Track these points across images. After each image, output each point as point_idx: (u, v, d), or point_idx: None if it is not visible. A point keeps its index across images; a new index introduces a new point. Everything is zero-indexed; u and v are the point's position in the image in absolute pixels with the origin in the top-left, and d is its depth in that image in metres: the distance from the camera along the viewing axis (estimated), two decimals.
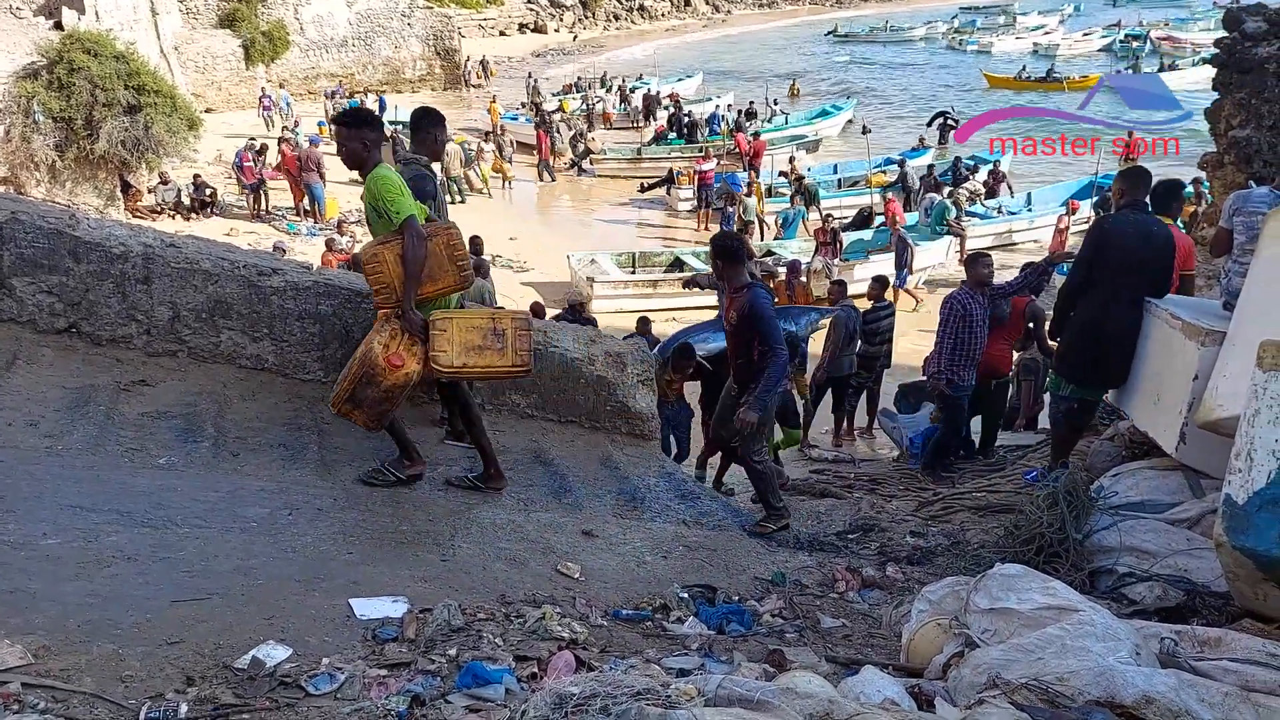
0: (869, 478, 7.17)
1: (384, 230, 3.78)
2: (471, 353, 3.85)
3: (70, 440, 3.73)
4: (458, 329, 3.85)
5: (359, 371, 3.72)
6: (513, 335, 3.95)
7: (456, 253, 3.90)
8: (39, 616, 2.44)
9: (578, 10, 55.26)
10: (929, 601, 3.01)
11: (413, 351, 3.78)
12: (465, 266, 3.96)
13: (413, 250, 3.70)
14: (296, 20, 30.89)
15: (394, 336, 3.76)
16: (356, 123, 3.87)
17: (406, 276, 3.73)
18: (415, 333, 3.78)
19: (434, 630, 2.78)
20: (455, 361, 3.83)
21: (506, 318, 4.03)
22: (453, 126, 26.68)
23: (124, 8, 23.26)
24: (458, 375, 3.96)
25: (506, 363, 3.94)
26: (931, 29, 53.23)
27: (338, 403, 3.81)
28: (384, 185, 3.74)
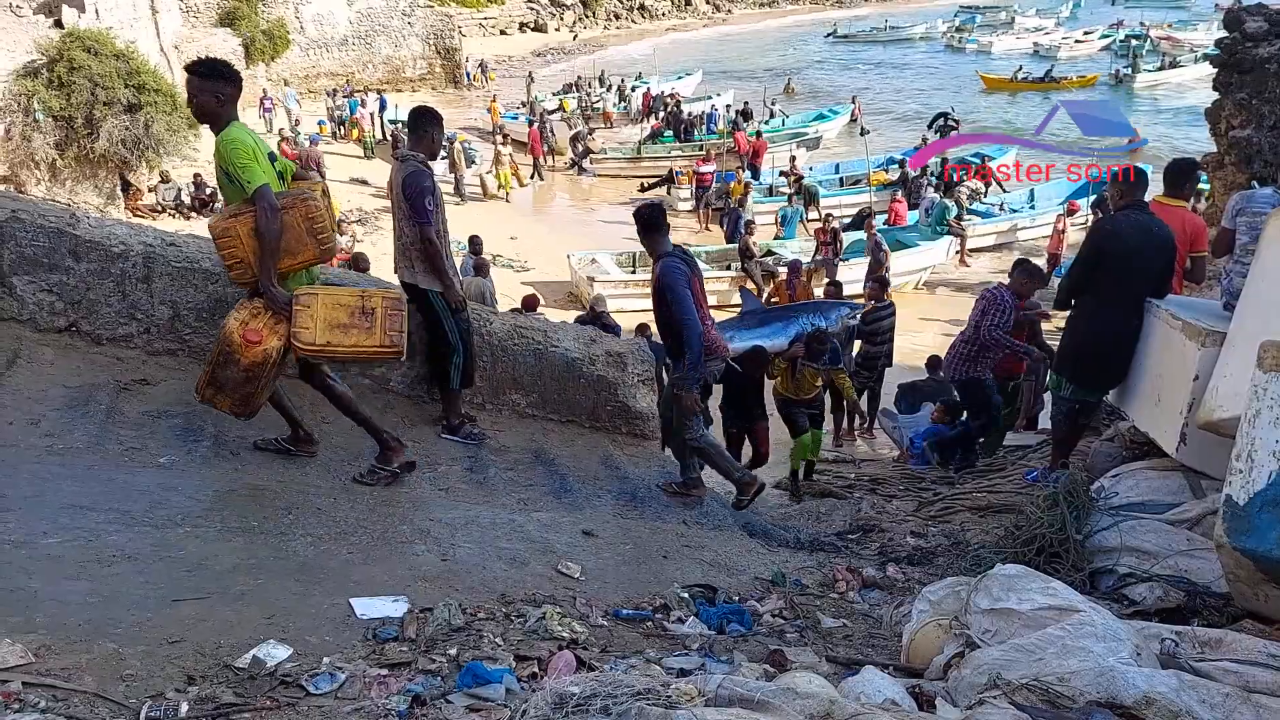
0: (869, 478, 7.18)
1: (236, 198, 3.59)
2: (336, 330, 3.67)
3: (71, 439, 3.72)
4: (322, 306, 3.67)
5: (217, 352, 3.57)
6: (382, 315, 3.76)
7: (316, 224, 3.68)
8: (40, 615, 2.44)
9: (578, 9, 55.23)
10: (929, 602, 3.01)
11: (274, 329, 3.59)
12: (327, 239, 3.74)
13: (266, 223, 3.50)
14: (297, 19, 30.93)
15: (255, 314, 3.58)
16: (210, 73, 3.57)
17: (262, 251, 3.53)
18: (278, 309, 3.60)
19: (434, 630, 2.78)
20: (318, 339, 3.64)
21: (377, 296, 3.84)
22: (453, 125, 26.74)
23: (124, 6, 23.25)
24: (321, 354, 3.75)
25: (374, 342, 3.75)
26: (931, 29, 53.22)
27: (200, 389, 3.64)
28: (235, 149, 3.52)
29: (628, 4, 58.90)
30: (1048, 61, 39.45)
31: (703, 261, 15.27)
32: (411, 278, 4.68)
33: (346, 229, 14.98)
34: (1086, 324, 4.65)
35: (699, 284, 4.72)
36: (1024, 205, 17.97)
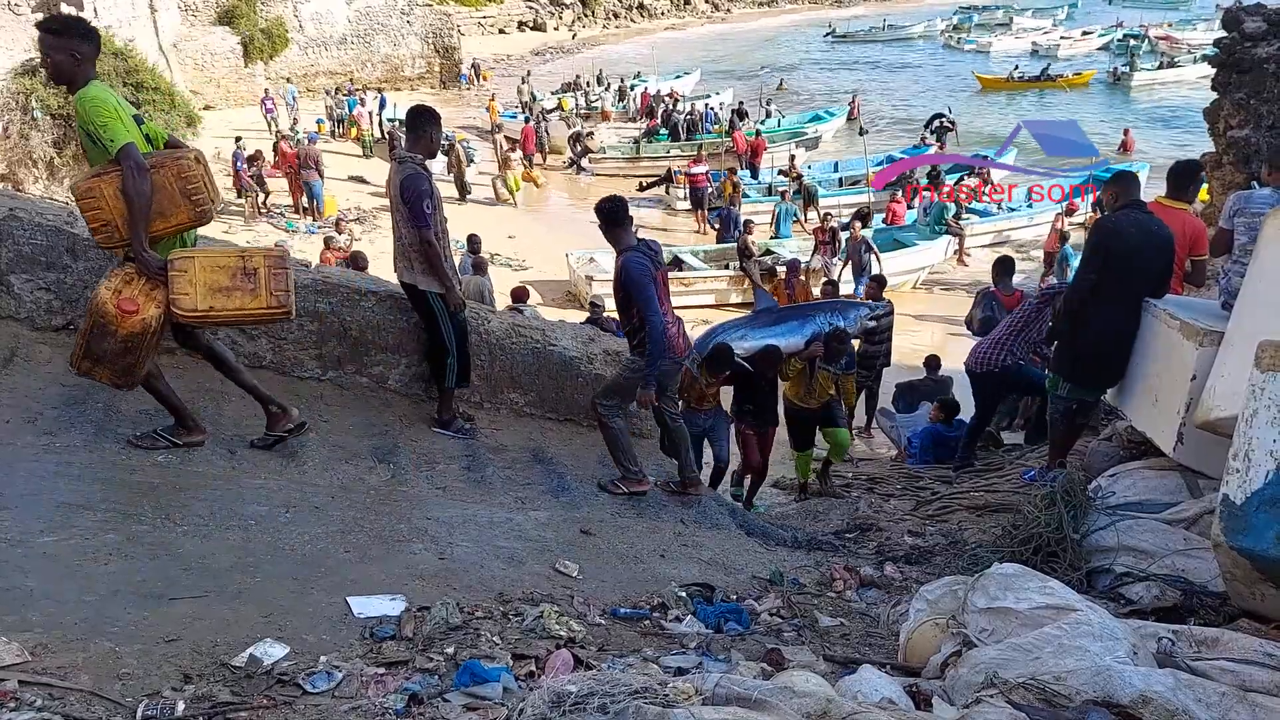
0: (867, 477, 7.18)
1: (100, 160, 3.40)
2: (218, 294, 3.51)
3: (68, 437, 3.72)
4: (201, 269, 3.50)
5: (89, 323, 3.40)
6: (266, 275, 3.60)
7: (190, 185, 3.49)
8: (36, 614, 2.44)
9: (577, 8, 55.20)
10: (926, 601, 3.02)
11: (151, 296, 3.42)
12: (201, 200, 3.55)
13: (134, 183, 3.31)
14: (295, 17, 30.88)
15: (128, 281, 3.41)
16: (65, 30, 3.40)
17: (131, 213, 3.35)
18: (152, 275, 3.43)
19: (432, 628, 2.77)
20: (200, 305, 3.48)
21: (258, 255, 3.70)
22: (451, 125, 26.74)
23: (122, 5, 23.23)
24: (205, 320, 3.60)
25: (260, 304, 3.59)
26: (930, 28, 53.24)
27: (75, 361, 3.49)
28: (95, 107, 3.33)
29: (626, 3, 58.88)
30: (1046, 61, 39.49)
31: (700, 260, 15.37)
32: (411, 278, 4.68)
33: (345, 227, 14.96)
34: (1087, 323, 4.63)
35: (663, 276, 4.66)
36: (1022, 204, 17.98)
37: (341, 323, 4.92)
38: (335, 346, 4.96)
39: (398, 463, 4.41)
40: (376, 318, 4.98)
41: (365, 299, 4.95)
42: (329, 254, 12.02)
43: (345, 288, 4.95)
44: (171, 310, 3.45)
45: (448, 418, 4.93)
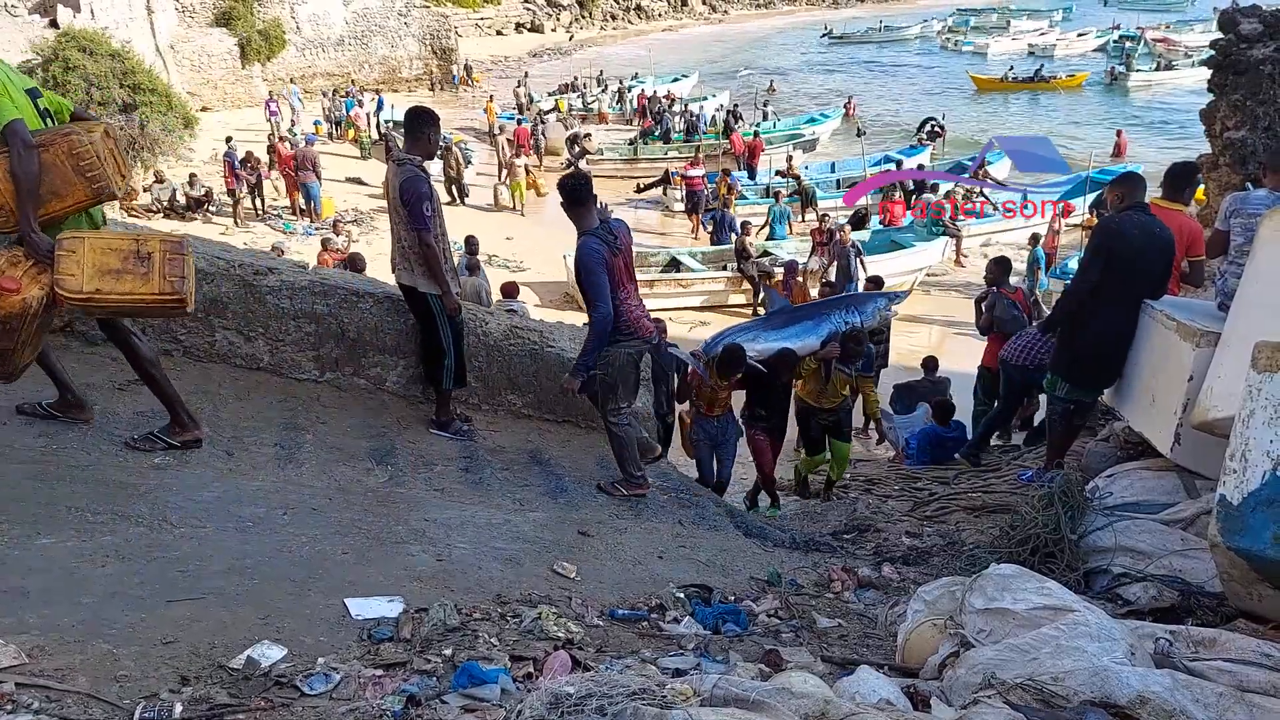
0: (865, 478, 7.18)
1: None
2: (107, 277, 3.35)
3: (66, 440, 3.71)
4: (90, 250, 3.35)
5: None
6: (160, 260, 3.44)
7: (83, 162, 3.36)
8: (33, 616, 2.43)
9: (574, 10, 55.26)
10: (924, 601, 3.02)
11: (36, 277, 3.27)
12: (98, 177, 3.41)
13: (20, 162, 3.18)
14: (293, 19, 30.89)
15: (14, 262, 3.26)
16: None
17: (19, 193, 3.22)
18: (40, 257, 3.29)
19: (430, 630, 2.77)
20: (85, 287, 3.32)
21: (154, 240, 3.54)
22: (449, 126, 26.73)
23: (119, 6, 23.22)
24: (90, 304, 3.44)
25: (151, 290, 3.42)
26: (926, 29, 53.37)
27: None
28: None
29: (624, 4, 58.94)
30: (1039, 62, 39.59)
31: (697, 262, 15.37)
32: (410, 280, 4.68)
33: (342, 229, 14.95)
34: (1087, 324, 4.63)
35: (624, 260, 4.52)
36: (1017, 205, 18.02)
37: (339, 324, 4.92)
38: (333, 348, 4.95)
39: (396, 464, 4.41)
40: (374, 319, 4.97)
41: (363, 300, 4.95)
42: (326, 255, 12.03)
43: (343, 289, 4.94)
44: (56, 292, 3.30)
45: (445, 419, 4.93)
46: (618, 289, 4.42)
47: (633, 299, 4.55)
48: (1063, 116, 30.65)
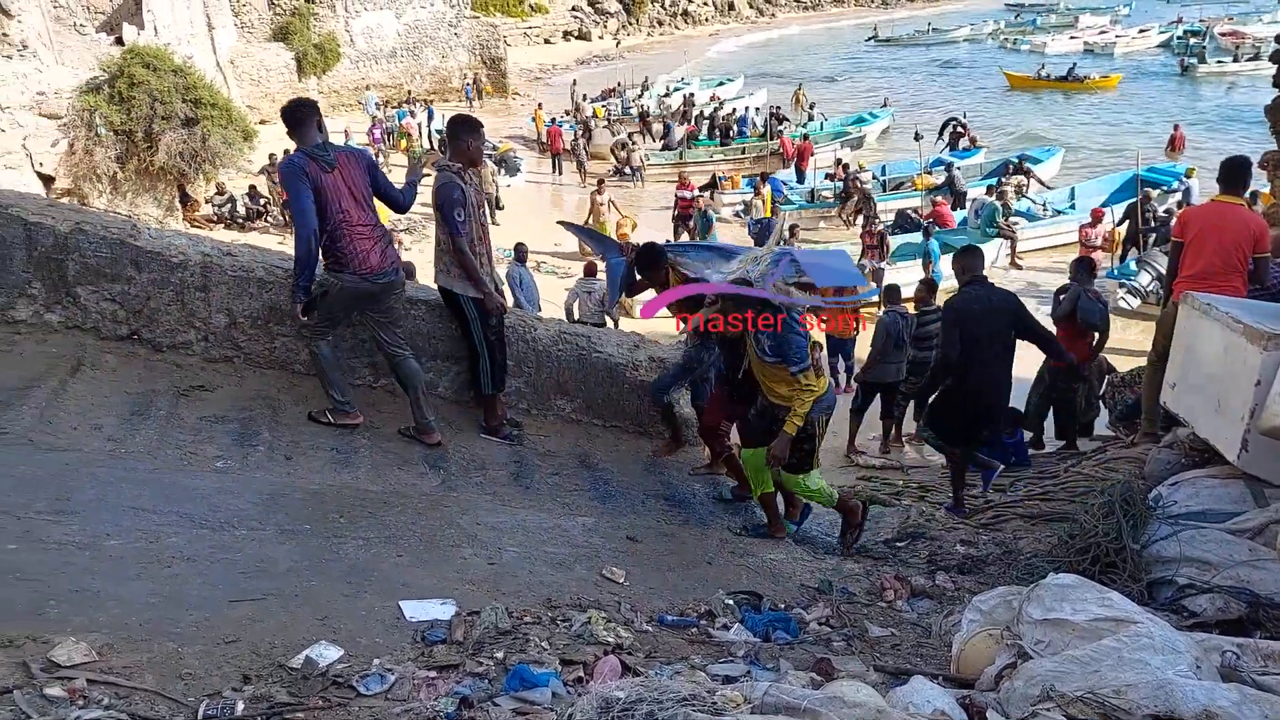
0: (918, 485, 7.07)
1: None
2: None
3: (132, 444, 3.84)
4: None
5: None
6: None
7: None
8: (103, 615, 2.51)
9: (621, 17, 55.50)
10: (980, 611, 2.96)
11: None
12: None
13: None
14: (347, 32, 31.54)
15: None
16: None
17: None
18: None
19: (481, 633, 2.80)
20: None
21: None
22: (498, 134, 27.05)
23: (181, 22, 23.98)
24: None
25: None
26: (976, 30, 52.41)
27: None
28: None
29: (671, 10, 59.04)
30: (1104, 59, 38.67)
31: None
32: (447, 283, 4.77)
33: (395, 238, 15.17)
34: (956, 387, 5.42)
35: (349, 186, 4.26)
36: (1066, 205, 17.63)
37: None
38: None
39: (447, 469, 4.47)
40: (426, 326, 5.05)
41: (416, 307, 5.03)
42: None
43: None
44: None
45: (495, 424, 4.98)
46: (337, 213, 4.22)
47: (360, 230, 4.31)
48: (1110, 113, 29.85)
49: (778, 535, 4.73)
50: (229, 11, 28.48)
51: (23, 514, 3.01)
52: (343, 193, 4.25)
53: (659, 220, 19.39)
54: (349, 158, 4.37)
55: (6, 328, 4.45)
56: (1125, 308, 13.39)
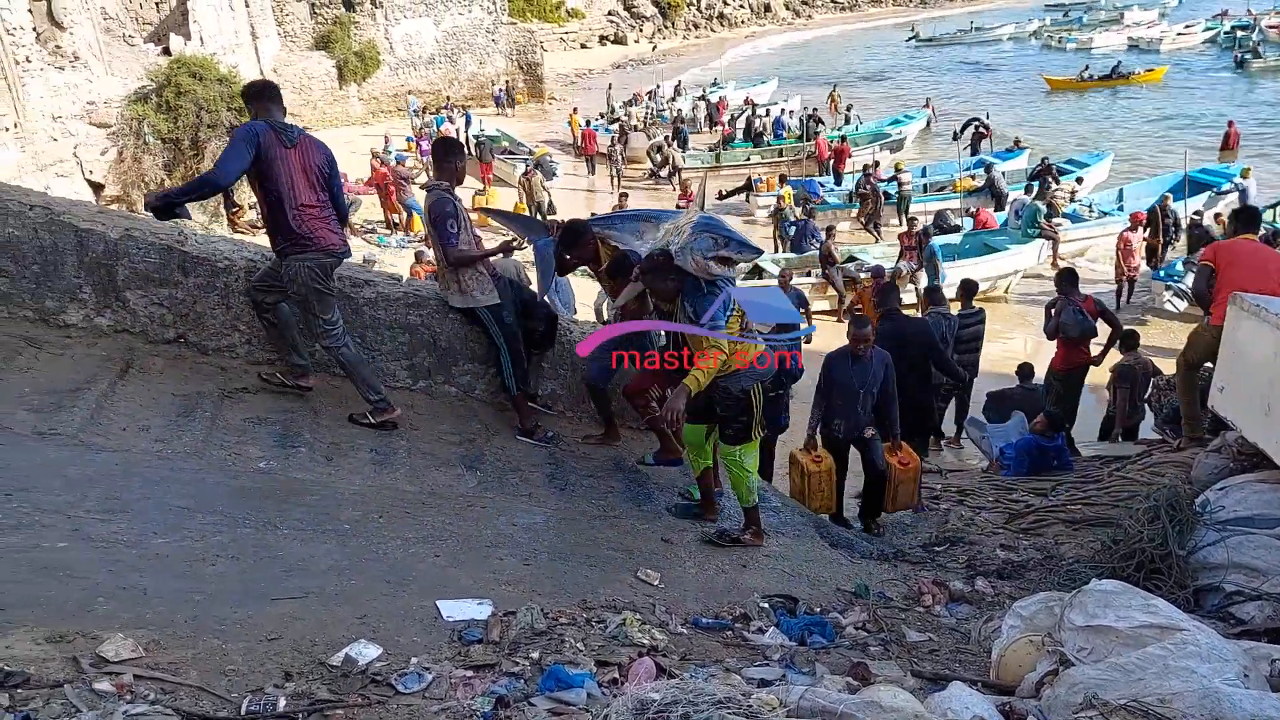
0: (956, 489, 6.98)
1: None
2: None
3: (178, 445, 3.92)
4: None
5: None
6: None
7: None
8: (149, 612, 2.57)
9: (657, 20, 55.58)
10: (1020, 617, 2.92)
11: None
12: None
13: None
14: (386, 40, 31.97)
15: None
16: None
17: None
18: None
19: (517, 633, 2.83)
20: None
21: None
22: (534, 139, 27.23)
23: (227, 32, 24.49)
24: None
25: None
26: (1019, 28, 51.55)
27: None
28: None
29: (706, 13, 59.01)
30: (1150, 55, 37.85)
31: (779, 269, 15.19)
32: (460, 301, 4.89)
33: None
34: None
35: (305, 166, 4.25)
36: (1113, 207, 17.25)
37: (431, 334, 5.07)
38: (425, 357, 5.10)
39: (484, 470, 4.51)
40: (464, 329, 5.10)
41: (453, 311, 5.08)
42: (419, 268, 12.38)
43: (434, 301, 5.09)
44: None
45: (530, 426, 5.02)
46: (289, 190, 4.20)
47: (310, 210, 4.29)
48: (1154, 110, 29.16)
49: (709, 517, 4.63)
50: (272, 21, 29.03)
51: (73, 512, 3.09)
52: (297, 170, 4.26)
53: None
54: (313, 143, 4.39)
55: (58, 331, 4.57)
56: (1171, 310, 13.10)
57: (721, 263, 4.00)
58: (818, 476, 6.03)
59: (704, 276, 3.99)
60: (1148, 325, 12.20)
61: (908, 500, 6.11)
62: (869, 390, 5.94)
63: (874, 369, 5.93)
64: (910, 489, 6.06)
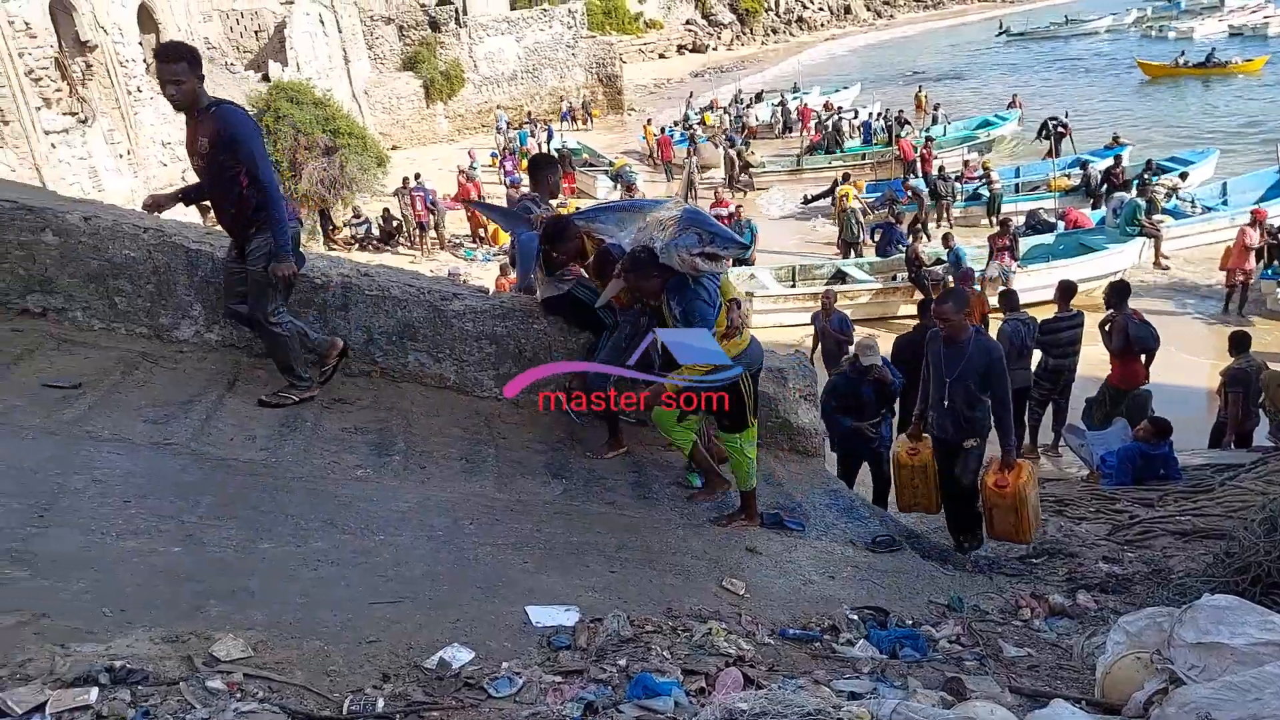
0: (1055, 498, 6.73)
1: None
2: None
3: (282, 453, 4.10)
4: None
5: None
6: None
7: None
8: (257, 614, 2.69)
9: (736, 27, 55.45)
10: (1126, 633, 2.80)
11: None
12: None
13: None
14: (470, 58, 32.84)
15: None
16: None
17: None
18: None
19: (604, 640, 2.85)
20: None
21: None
22: (614, 151, 27.49)
23: (321, 58, 25.55)
24: None
25: None
26: (1118, 20, 49.40)
27: None
28: None
29: (785, 17, 58.58)
30: (1255, 42, 35.85)
31: (864, 273, 14.92)
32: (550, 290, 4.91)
33: None
34: None
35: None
36: (1217, 202, 16.36)
37: (517, 344, 5.17)
38: (511, 367, 5.20)
39: (570, 478, 4.56)
40: (548, 339, 5.18)
41: (538, 322, 5.17)
42: (504, 280, 12.64)
43: (520, 311, 5.19)
44: None
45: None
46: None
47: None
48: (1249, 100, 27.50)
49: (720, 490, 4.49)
50: (363, 45, 30.15)
51: (186, 518, 3.26)
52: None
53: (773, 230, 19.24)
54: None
55: (171, 347, 4.84)
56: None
57: (709, 259, 3.88)
58: (909, 470, 5.46)
59: (690, 273, 3.89)
60: (1255, 326, 11.52)
61: (1007, 531, 5.08)
62: (960, 383, 4.99)
63: (969, 358, 4.95)
64: (1008, 518, 5.02)
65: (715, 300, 3.97)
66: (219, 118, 3.97)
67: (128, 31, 16.90)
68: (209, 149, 3.97)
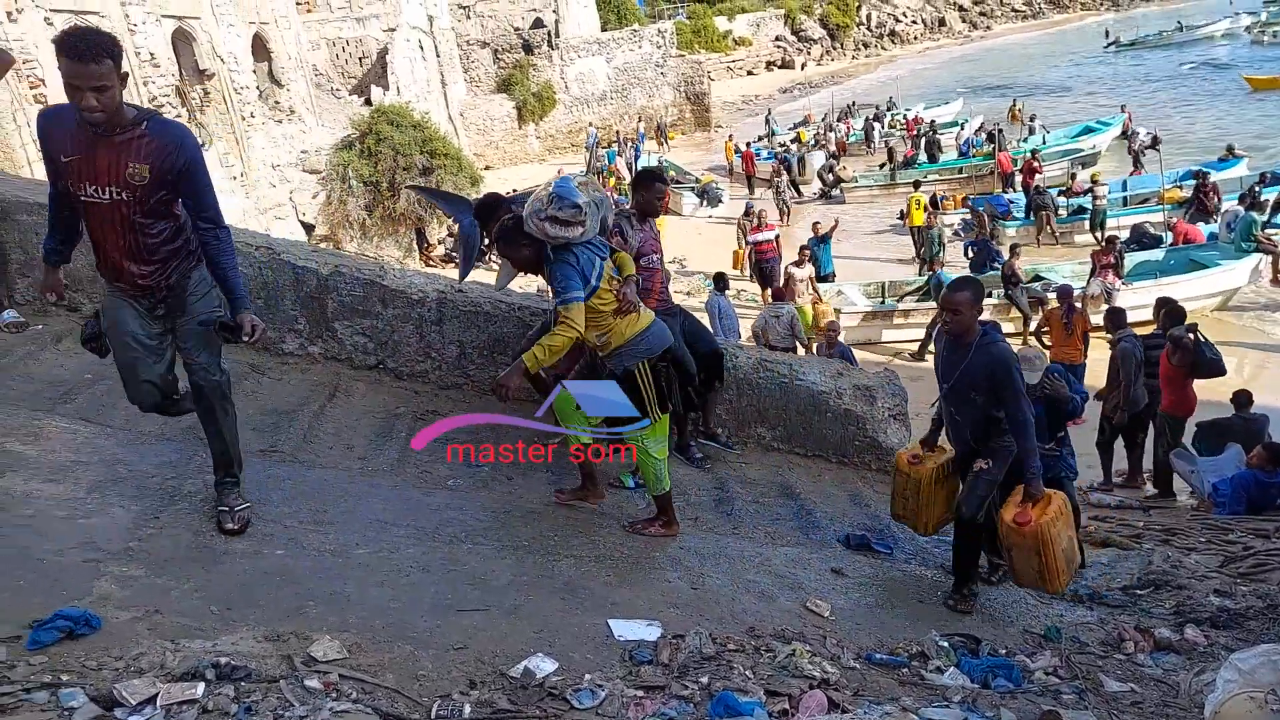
0: (1162, 528, 6.39)
1: None
2: None
3: (377, 463, 4.25)
4: None
5: None
6: None
7: None
8: (352, 617, 2.80)
9: (826, 42, 54.96)
10: (1238, 670, 2.64)
11: None
12: None
13: None
14: (562, 79, 33.51)
15: None
16: None
17: None
18: None
19: (686, 657, 2.85)
20: None
21: None
22: (699, 168, 27.61)
23: (420, 82, 26.50)
24: None
25: None
26: (1234, 25, 46.70)
27: None
28: None
29: (877, 31, 57.77)
30: None
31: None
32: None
33: None
34: None
35: None
36: None
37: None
38: None
39: None
40: None
41: None
42: None
43: None
44: None
45: (683, 442, 5.08)
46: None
47: None
48: None
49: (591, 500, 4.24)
50: (459, 69, 31.11)
51: (289, 523, 3.41)
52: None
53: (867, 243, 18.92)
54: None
55: (277, 359, 5.09)
56: None
57: (555, 223, 3.65)
58: (904, 479, 4.52)
59: (547, 240, 3.70)
60: None
61: (1031, 578, 4.11)
62: (960, 391, 4.16)
63: (970, 363, 4.07)
64: (1031, 563, 4.04)
65: (589, 270, 3.73)
66: (163, 137, 2.89)
67: (242, 60, 17.90)
68: (147, 179, 2.87)
